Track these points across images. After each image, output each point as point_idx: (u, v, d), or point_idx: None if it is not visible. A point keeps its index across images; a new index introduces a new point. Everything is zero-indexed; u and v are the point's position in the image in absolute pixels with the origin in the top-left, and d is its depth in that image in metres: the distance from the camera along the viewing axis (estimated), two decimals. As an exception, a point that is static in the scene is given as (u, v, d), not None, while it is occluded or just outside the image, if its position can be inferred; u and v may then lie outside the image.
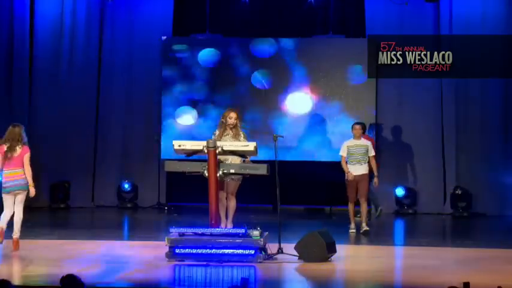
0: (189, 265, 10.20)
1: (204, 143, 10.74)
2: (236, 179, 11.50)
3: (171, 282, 9.59)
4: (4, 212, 11.29)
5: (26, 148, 11.28)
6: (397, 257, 11.14)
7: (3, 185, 11.24)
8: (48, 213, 16.10)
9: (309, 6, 16.53)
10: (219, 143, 10.74)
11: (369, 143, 13.37)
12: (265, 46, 16.67)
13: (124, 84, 16.94)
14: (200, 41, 16.78)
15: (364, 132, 14.06)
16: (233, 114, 11.67)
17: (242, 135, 11.64)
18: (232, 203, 11.64)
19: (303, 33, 16.84)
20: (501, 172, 16.32)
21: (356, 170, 13.21)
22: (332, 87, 16.63)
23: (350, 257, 11.14)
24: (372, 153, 13.30)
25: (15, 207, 11.26)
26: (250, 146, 10.88)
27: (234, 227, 11.24)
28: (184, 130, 16.60)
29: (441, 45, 16.45)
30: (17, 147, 11.21)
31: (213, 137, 11.49)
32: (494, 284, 7.96)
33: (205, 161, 10.70)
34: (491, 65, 16.41)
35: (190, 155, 11.01)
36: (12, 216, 11.28)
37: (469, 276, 9.53)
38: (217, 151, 10.64)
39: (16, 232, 11.23)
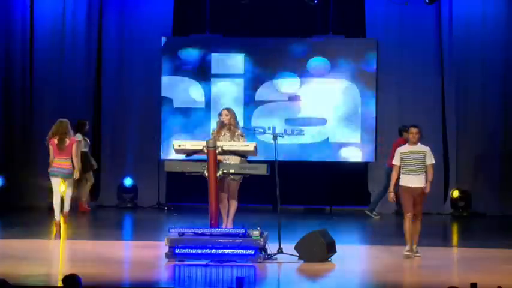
0: (189, 265, 10.20)
1: (204, 143, 10.74)
2: (237, 179, 11.50)
3: (171, 282, 9.58)
4: (54, 199, 13.02)
5: (73, 139, 13.18)
6: (397, 257, 11.12)
7: (52, 169, 12.98)
8: (49, 213, 16.07)
9: (309, 6, 16.52)
10: (219, 143, 10.74)
11: (427, 149, 11.24)
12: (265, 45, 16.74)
13: (124, 84, 16.92)
14: (200, 41, 16.77)
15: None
16: (224, 112, 11.66)
17: (240, 133, 11.63)
18: (234, 203, 11.63)
19: (303, 33, 16.84)
20: (501, 172, 16.32)
21: (411, 181, 11.10)
22: (332, 87, 16.63)
23: (350, 257, 11.14)
24: (431, 160, 11.19)
25: (66, 189, 13.05)
26: (250, 146, 10.88)
27: (234, 227, 11.24)
28: (184, 130, 16.61)
29: (441, 46, 16.48)
30: (66, 139, 12.97)
31: (211, 135, 11.50)
32: (494, 284, 7.95)
33: (205, 161, 10.70)
34: (491, 65, 16.44)
35: (190, 155, 11.01)
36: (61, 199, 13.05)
37: (469, 276, 9.55)
38: (217, 151, 10.64)
39: (66, 207, 13.08)
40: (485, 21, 16.35)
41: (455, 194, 16.17)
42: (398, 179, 11.25)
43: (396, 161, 11.19)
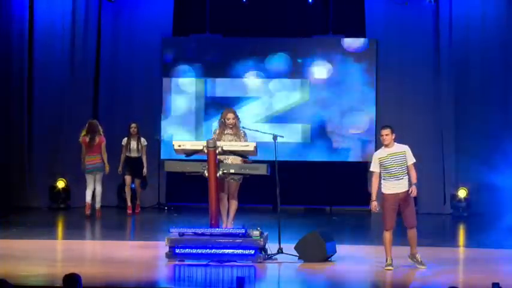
0: (189, 265, 10.21)
1: (204, 143, 10.74)
2: (237, 179, 11.49)
3: (171, 282, 9.59)
4: (87, 190, 14.90)
5: (103, 138, 14.93)
6: (397, 257, 11.12)
7: (86, 167, 14.86)
8: (48, 213, 16.10)
9: (309, 6, 16.52)
10: (219, 143, 10.74)
11: (406, 148, 10.25)
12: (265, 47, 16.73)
13: (124, 84, 16.92)
14: (200, 41, 16.78)
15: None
16: (231, 115, 11.64)
17: (242, 134, 11.62)
18: (234, 203, 11.61)
19: (303, 33, 16.84)
20: (501, 172, 16.31)
21: (395, 187, 10.16)
22: (332, 87, 16.64)
23: (350, 257, 11.14)
24: (412, 160, 10.22)
25: (95, 184, 14.95)
26: (250, 146, 10.87)
27: (234, 227, 11.24)
28: (184, 130, 16.62)
29: (441, 45, 16.48)
30: (96, 138, 14.79)
31: (213, 136, 11.49)
32: (494, 284, 7.95)
33: (205, 161, 10.69)
34: (491, 65, 16.44)
35: (190, 155, 11.00)
36: (93, 192, 14.97)
37: (469, 276, 9.56)
38: (217, 151, 10.64)
39: (98, 203, 14.95)
40: (484, 22, 16.35)
41: (463, 193, 16.11)
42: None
43: (375, 168, 10.19)
